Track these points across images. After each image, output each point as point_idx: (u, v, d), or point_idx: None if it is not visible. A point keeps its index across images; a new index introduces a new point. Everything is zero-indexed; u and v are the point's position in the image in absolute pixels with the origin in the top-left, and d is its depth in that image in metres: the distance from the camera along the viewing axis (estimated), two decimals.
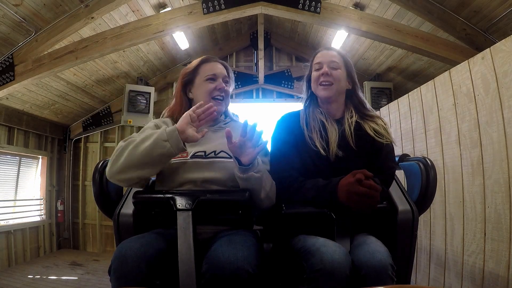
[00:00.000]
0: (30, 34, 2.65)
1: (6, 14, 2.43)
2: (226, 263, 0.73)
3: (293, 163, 1.01)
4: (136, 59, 3.58)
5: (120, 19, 2.88)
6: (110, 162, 0.90)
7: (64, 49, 2.53)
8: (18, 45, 2.69)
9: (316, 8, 2.31)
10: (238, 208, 0.89)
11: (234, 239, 0.82)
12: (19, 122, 3.52)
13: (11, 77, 2.67)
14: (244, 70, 4.15)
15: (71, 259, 3.69)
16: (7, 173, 3.56)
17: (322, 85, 1.05)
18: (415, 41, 2.51)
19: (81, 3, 2.58)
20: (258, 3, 2.31)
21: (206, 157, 0.98)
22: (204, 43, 3.92)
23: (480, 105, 1.46)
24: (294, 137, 1.05)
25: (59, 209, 4.11)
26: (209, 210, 0.89)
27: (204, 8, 2.32)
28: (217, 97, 1.06)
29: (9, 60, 2.69)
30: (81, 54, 2.47)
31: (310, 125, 1.04)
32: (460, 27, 2.69)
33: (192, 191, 0.89)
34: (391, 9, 2.86)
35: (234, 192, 0.89)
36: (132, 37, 2.43)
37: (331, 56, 1.08)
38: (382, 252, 0.83)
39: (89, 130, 4.19)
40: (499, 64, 1.32)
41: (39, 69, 2.56)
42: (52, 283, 2.89)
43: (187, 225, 0.81)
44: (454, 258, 1.60)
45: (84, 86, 3.56)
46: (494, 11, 2.54)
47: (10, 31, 2.58)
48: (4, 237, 3.32)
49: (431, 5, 2.64)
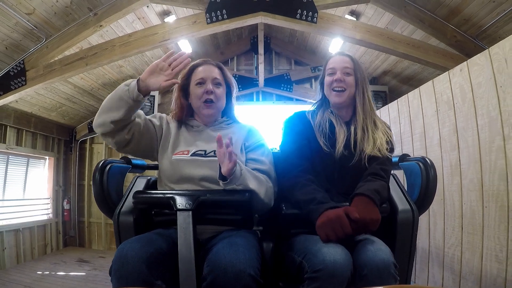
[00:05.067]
0: (41, 41, 2.76)
1: (18, 22, 2.55)
2: (228, 266, 0.73)
3: (304, 153, 1.03)
4: (141, 63, 3.71)
5: (127, 26, 3.01)
6: None
7: (75, 56, 2.66)
8: (29, 51, 2.80)
9: (313, 18, 2.45)
10: (238, 208, 0.90)
11: (236, 241, 0.82)
12: (28, 124, 3.64)
13: (23, 81, 2.79)
14: (245, 73, 4.26)
15: (77, 256, 3.80)
16: (15, 173, 3.67)
17: (335, 90, 1.07)
18: (406, 49, 2.64)
19: (90, 11, 2.71)
20: (259, 13, 2.44)
21: (206, 156, 0.99)
22: (206, 47, 4.05)
23: (458, 112, 1.60)
24: (305, 132, 1.07)
25: (65, 208, 4.24)
26: (210, 210, 0.89)
27: (208, 18, 2.46)
28: (207, 100, 1.05)
29: (20, 65, 2.80)
30: (91, 61, 2.61)
31: (320, 123, 1.07)
32: (451, 34, 2.80)
33: (192, 191, 0.89)
34: (385, 16, 2.99)
35: (234, 192, 0.87)
36: (140, 45, 2.56)
37: (344, 62, 1.09)
38: (384, 251, 0.83)
39: (94, 131, 4.30)
40: (474, 76, 1.46)
41: (50, 75, 2.69)
42: (61, 278, 3.00)
43: (187, 225, 0.80)
44: (437, 251, 1.75)
45: (90, 89, 3.68)
46: (483, 19, 2.66)
47: (22, 38, 2.69)
48: (13, 235, 3.43)
49: (423, 14, 2.76)
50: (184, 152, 1.00)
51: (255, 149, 1.06)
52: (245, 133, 1.09)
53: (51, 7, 2.55)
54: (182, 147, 1.03)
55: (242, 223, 0.98)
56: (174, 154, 1.01)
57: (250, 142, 1.07)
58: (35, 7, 2.48)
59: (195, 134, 1.07)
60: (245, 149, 1.06)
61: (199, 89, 1.06)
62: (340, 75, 1.07)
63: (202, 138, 1.05)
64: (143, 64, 3.74)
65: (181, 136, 1.07)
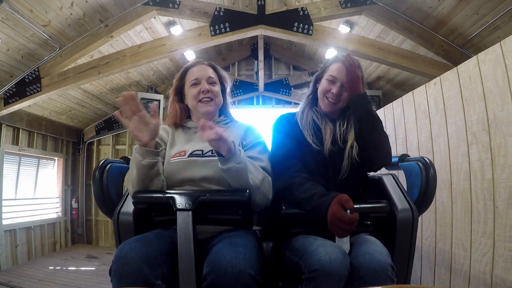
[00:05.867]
0: (55, 50, 2.95)
1: (35, 34, 2.74)
2: (228, 266, 0.73)
3: (295, 154, 1.02)
4: (147, 69, 3.90)
5: (135, 35, 3.21)
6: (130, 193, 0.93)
7: (88, 65, 2.86)
8: (43, 59, 2.98)
9: (309, 31, 2.65)
10: (238, 208, 0.89)
11: (236, 241, 0.82)
12: (39, 127, 3.82)
13: (38, 88, 2.98)
14: (246, 78, 4.45)
15: (86, 252, 3.97)
16: (27, 174, 3.84)
17: (329, 101, 1.05)
18: (396, 58, 2.84)
19: (101, 23, 2.90)
20: (259, 26, 2.65)
21: (203, 156, 0.98)
22: (209, 53, 4.23)
23: (433, 120, 1.83)
24: (294, 133, 1.06)
25: (73, 207, 4.40)
26: (209, 210, 0.88)
27: (212, 31, 2.66)
28: (204, 99, 1.05)
29: (35, 73, 2.99)
30: (103, 70, 2.80)
31: (306, 122, 1.07)
32: (438, 44, 2.98)
33: (192, 191, 0.88)
34: (377, 26, 3.17)
35: (234, 192, 0.87)
36: (149, 55, 2.76)
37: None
38: (381, 253, 0.82)
39: (101, 133, 4.48)
40: (445, 90, 1.68)
41: (65, 82, 2.88)
42: (73, 273, 3.16)
43: (187, 225, 0.80)
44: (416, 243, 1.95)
45: (99, 94, 3.87)
46: (468, 29, 2.84)
47: (37, 48, 2.87)
48: (24, 232, 3.61)
49: (412, 25, 2.93)
50: (181, 153, 0.99)
51: (253, 147, 1.05)
52: (243, 132, 1.08)
53: (66, 19, 2.74)
54: (178, 148, 1.02)
55: (242, 223, 0.97)
56: (172, 156, 1.00)
57: (248, 140, 1.06)
58: (51, 19, 2.67)
59: (192, 134, 1.06)
60: (243, 147, 1.04)
61: (194, 90, 1.05)
62: (339, 90, 1.04)
63: (199, 138, 1.01)
64: (148, 70, 3.94)
65: (178, 138, 1.07)
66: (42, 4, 2.50)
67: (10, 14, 2.45)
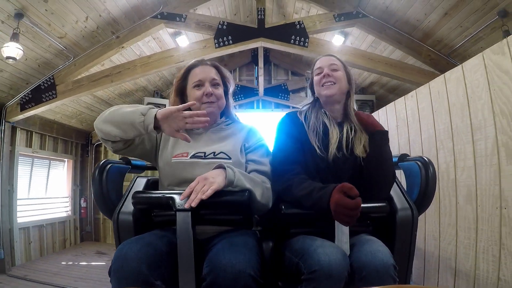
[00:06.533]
0: (69, 59, 3.16)
1: (51, 45, 2.95)
2: (228, 266, 0.73)
3: (297, 157, 1.01)
4: (153, 75, 4.12)
5: (143, 45, 3.43)
6: (101, 114, 0.96)
7: (101, 74, 3.07)
8: (58, 68, 3.19)
9: (305, 43, 2.88)
10: (238, 208, 0.88)
11: (235, 241, 0.82)
12: (51, 130, 4.00)
13: (54, 95, 3.19)
14: (246, 83, 4.68)
15: (95, 249, 4.14)
16: (39, 174, 4.02)
17: (327, 85, 1.05)
18: (385, 68, 3.07)
19: (113, 34, 3.13)
20: (259, 39, 2.88)
21: (205, 158, 0.99)
22: (212, 59, 4.43)
23: (410, 128, 2.08)
24: (297, 134, 1.05)
25: (82, 206, 4.58)
26: (209, 211, 0.88)
27: (216, 43, 2.89)
28: (207, 101, 1.04)
29: (50, 80, 3.20)
30: (115, 78, 3.02)
31: (313, 125, 1.05)
32: (426, 54, 3.20)
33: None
34: (369, 37, 3.41)
35: (233, 192, 0.85)
36: (158, 66, 2.99)
37: (330, 60, 1.09)
38: (383, 252, 0.81)
39: None
40: (420, 101, 1.93)
41: (79, 89, 3.09)
42: (84, 267, 3.35)
43: (187, 225, 0.79)
44: None
45: (108, 99, 4.08)
46: (453, 40, 3.07)
47: (53, 57, 3.09)
48: (37, 230, 3.78)
49: (401, 36, 3.17)
50: (183, 154, 1.00)
51: (255, 150, 1.05)
52: (245, 134, 1.08)
53: (80, 31, 2.96)
54: (181, 150, 1.02)
55: (242, 223, 0.97)
56: (174, 156, 1.00)
57: (251, 143, 1.06)
58: (67, 32, 2.89)
59: (194, 136, 1.05)
60: (245, 150, 1.05)
61: (197, 92, 1.04)
62: (328, 71, 1.06)
63: (201, 140, 1.04)
64: (155, 75, 4.15)
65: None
66: (59, 19, 2.72)
67: (30, 28, 2.66)
